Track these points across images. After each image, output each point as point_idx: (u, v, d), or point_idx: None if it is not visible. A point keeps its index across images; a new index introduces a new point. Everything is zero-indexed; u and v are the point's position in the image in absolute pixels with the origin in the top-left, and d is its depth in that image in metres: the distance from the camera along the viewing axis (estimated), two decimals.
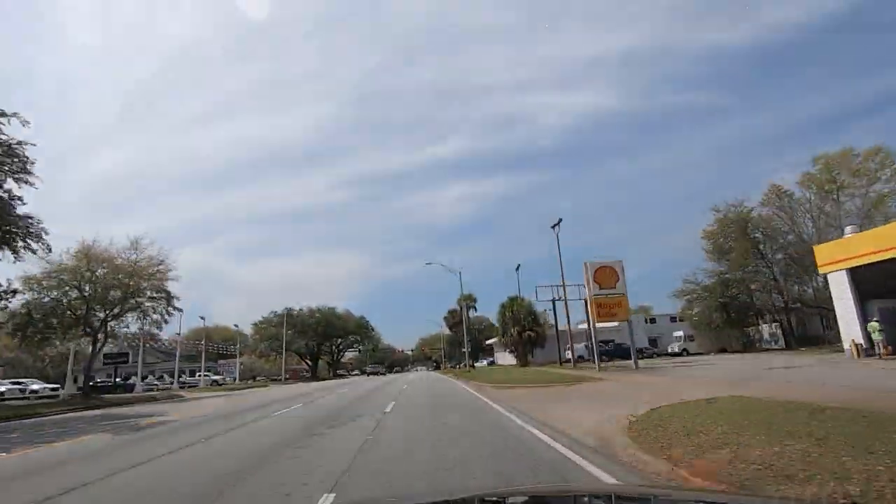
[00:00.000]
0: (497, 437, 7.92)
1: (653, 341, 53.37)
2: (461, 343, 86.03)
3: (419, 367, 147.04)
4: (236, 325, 66.12)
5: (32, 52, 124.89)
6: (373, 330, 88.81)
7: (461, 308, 50.55)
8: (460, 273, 36.66)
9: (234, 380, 62.78)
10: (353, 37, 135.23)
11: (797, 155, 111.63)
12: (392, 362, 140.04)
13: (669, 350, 47.83)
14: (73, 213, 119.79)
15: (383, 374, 79.10)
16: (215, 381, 57.77)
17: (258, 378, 75.60)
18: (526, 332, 40.79)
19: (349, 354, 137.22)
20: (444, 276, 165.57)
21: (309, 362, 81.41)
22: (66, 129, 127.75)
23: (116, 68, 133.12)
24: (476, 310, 69.70)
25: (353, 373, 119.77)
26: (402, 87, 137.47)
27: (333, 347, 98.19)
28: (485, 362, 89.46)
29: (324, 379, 76.15)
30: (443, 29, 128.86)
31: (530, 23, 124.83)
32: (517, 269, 45.39)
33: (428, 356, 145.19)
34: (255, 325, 77.20)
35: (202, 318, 53.51)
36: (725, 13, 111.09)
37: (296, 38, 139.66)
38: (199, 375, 57.88)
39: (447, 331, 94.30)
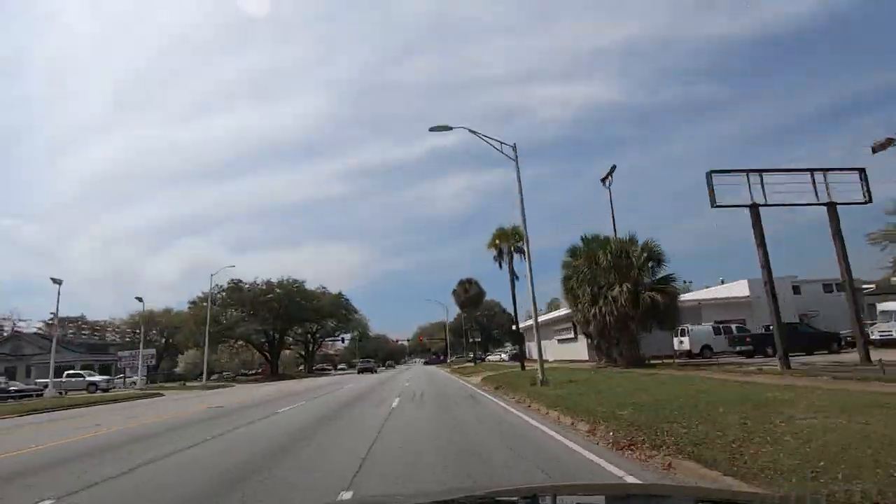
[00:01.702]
0: None
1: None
2: (468, 332, 63.58)
3: (416, 360, 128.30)
4: (139, 298, 44.09)
5: (25, 39, 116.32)
6: (355, 312, 67.12)
7: (516, 242, 28.41)
8: (514, 149, 14.70)
9: (138, 382, 41.13)
10: (352, 27, 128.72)
11: (798, 149, 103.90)
12: (387, 354, 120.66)
13: (879, 336, 26.25)
14: (69, 204, 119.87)
15: (374, 370, 58.35)
16: (93, 384, 36.27)
17: (217, 377, 54.54)
18: (646, 293, 19.19)
19: (337, 345, 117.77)
20: (441, 267, 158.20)
21: (267, 354, 59.81)
22: (61, 119, 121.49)
23: (111, 57, 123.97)
24: (524, 256, 47.67)
25: (340, 367, 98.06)
26: (402, 78, 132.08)
27: (309, 336, 77.39)
28: (502, 356, 67.93)
29: (289, 377, 54.94)
30: (443, 20, 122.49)
31: (531, 14, 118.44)
32: (608, 177, 23.70)
33: (427, 347, 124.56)
34: (193, 303, 55.59)
35: (56, 280, 31.43)
36: (726, 5, 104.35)
37: (295, 29, 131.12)
38: (71, 376, 36.34)
39: (454, 314, 72.91)
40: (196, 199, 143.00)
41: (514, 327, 37.91)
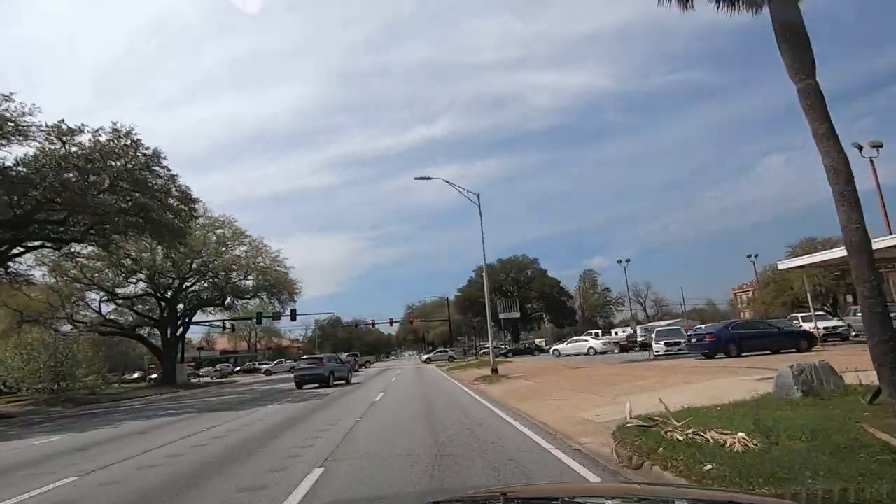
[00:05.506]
0: None
1: None
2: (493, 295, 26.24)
3: (406, 353, 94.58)
4: None
5: None
6: (190, 216, 27.59)
7: None
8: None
9: None
10: (337, 11, 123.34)
11: (791, 136, 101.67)
12: (366, 348, 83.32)
13: None
14: None
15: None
16: None
17: None
18: None
19: (296, 335, 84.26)
20: (432, 258, 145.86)
21: None
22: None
23: (86, 41, 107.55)
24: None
25: (262, 367, 58.80)
26: (389, 65, 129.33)
27: (159, 299, 40.60)
28: (593, 345, 34.14)
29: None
30: (432, 5, 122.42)
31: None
32: None
33: (421, 336, 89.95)
34: None
35: None
36: None
37: (278, 12, 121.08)
38: None
39: (464, 279, 39.94)
40: None
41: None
